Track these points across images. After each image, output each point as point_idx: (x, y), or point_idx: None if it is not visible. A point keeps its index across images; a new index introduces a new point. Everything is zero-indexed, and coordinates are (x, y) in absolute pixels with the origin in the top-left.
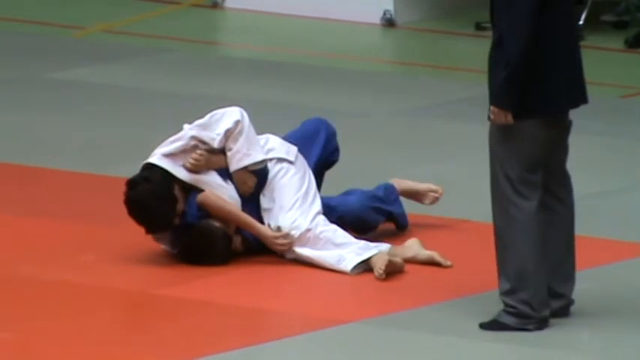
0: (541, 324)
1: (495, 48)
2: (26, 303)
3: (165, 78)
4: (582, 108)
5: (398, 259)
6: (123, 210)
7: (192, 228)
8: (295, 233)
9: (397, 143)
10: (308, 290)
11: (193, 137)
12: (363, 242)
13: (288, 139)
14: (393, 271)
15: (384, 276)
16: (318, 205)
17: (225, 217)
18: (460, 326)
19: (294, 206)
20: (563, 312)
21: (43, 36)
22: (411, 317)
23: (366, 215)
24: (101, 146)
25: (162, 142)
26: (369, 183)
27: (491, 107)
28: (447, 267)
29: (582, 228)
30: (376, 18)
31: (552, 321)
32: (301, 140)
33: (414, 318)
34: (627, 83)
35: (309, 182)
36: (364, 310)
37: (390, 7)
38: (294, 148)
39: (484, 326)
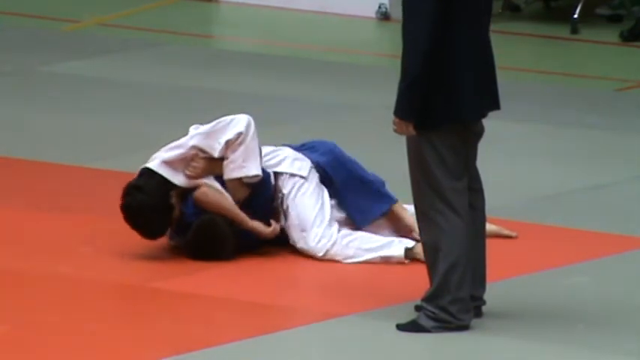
0: (459, 330)
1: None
2: (23, 295)
3: (160, 71)
4: (578, 101)
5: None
6: (118, 202)
7: (195, 224)
8: (321, 251)
9: (392, 137)
10: (306, 284)
11: (194, 147)
12: (395, 238)
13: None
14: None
15: None
16: (332, 217)
17: (222, 213)
18: None
19: (314, 224)
20: (477, 313)
21: (36, 29)
22: (409, 309)
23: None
24: (95, 139)
25: (157, 139)
26: None
27: (394, 118)
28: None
29: (576, 221)
30: (371, 12)
31: (547, 316)
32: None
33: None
34: (622, 76)
35: (323, 195)
36: (363, 303)
37: (385, 0)
38: (307, 162)
39: (401, 327)
